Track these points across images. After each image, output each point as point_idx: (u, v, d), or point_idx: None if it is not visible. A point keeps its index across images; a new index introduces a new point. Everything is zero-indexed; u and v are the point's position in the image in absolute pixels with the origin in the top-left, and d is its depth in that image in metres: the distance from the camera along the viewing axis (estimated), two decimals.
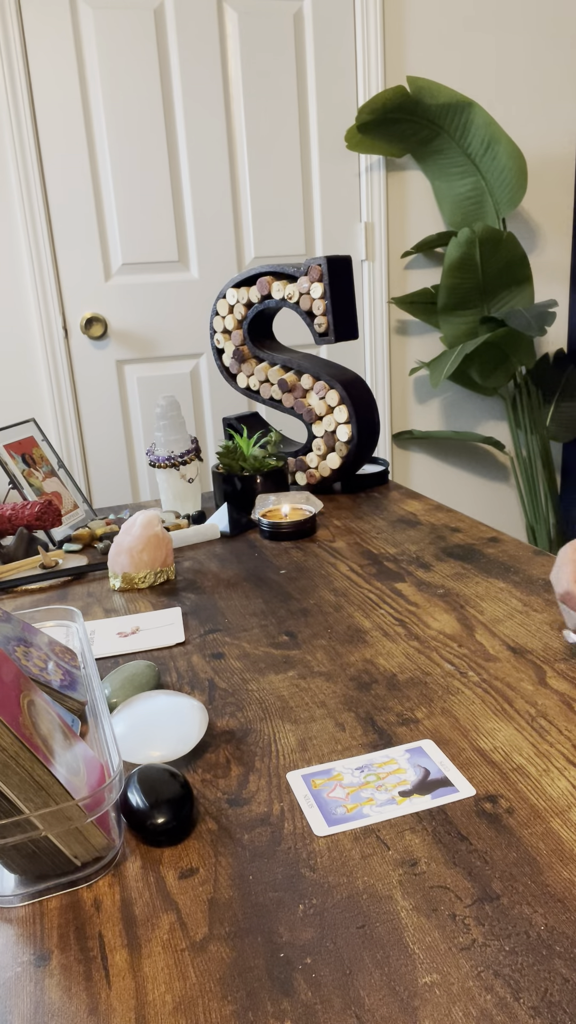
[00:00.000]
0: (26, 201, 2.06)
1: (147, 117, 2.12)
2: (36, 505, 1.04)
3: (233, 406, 2.31)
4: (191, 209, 2.22)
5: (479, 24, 2.28)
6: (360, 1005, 0.36)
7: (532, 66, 2.36)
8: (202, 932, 0.41)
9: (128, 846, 0.48)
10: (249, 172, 2.23)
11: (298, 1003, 0.36)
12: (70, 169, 2.10)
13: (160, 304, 2.26)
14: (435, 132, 2.18)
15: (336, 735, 0.58)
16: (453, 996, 0.36)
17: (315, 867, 0.45)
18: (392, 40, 2.23)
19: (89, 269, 2.18)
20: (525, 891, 0.41)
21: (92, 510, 1.24)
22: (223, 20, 2.13)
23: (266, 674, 0.68)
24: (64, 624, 0.74)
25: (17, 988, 0.39)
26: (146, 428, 2.32)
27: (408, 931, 0.40)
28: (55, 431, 2.24)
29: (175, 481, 1.21)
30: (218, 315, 1.35)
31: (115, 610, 0.87)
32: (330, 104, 2.25)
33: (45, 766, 0.43)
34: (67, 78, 2.05)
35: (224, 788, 0.53)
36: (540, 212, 2.48)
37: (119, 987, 0.38)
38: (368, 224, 2.35)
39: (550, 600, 0.79)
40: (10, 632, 0.62)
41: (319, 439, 1.26)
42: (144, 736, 0.56)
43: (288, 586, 0.89)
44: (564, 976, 0.36)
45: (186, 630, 0.80)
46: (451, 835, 0.46)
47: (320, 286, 1.18)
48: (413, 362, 2.49)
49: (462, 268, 2.14)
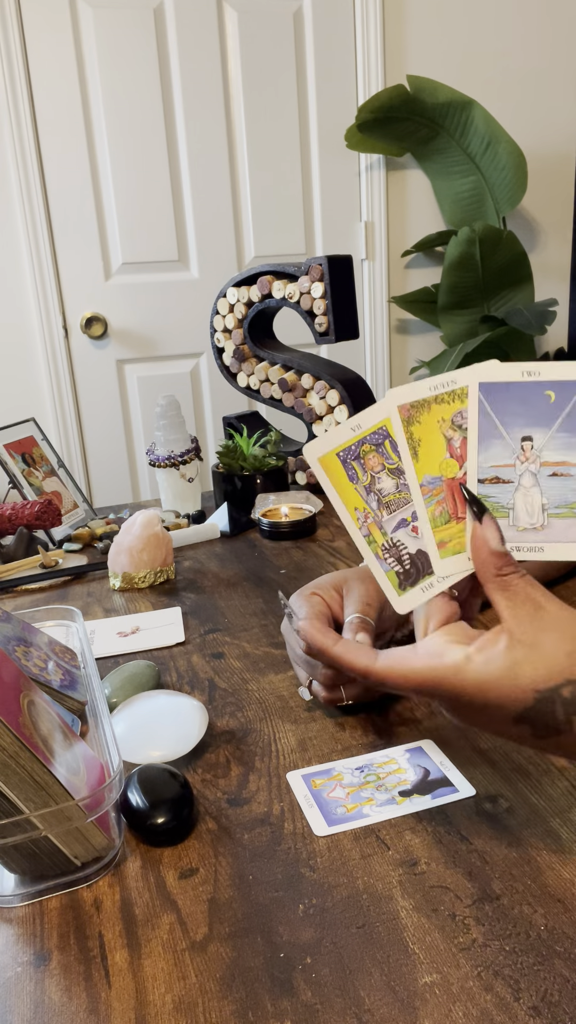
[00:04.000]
0: (26, 201, 2.06)
1: (147, 117, 2.12)
2: (36, 505, 1.04)
3: (233, 405, 2.31)
4: (191, 209, 2.22)
5: (479, 23, 2.28)
6: (360, 1005, 0.36)
7: (532, 65, 2.36)
8: (202, 932, 0.41)
9: (128, 846, 0.48)
10: (249, 172, 2.23)
11: (298, 1003, 0.36)
12: (70, 169, 2.10)
13: (160, 303, 2.26)
14: (435, 131, 2.18)
15: (336, 735, 0.58)
16: (453, 996, 0.36)
17: (315, 867, 0.45)
18: (392, 39, 2.23)
19: (89, 269, 2.18)
20: (525, 891, 0.41)
21: (92, 510, 1.24)
22: (223, 19, 2.13)
23: (266, 674, 0.68)
24: (64, 624, 0.74)
25: (17, 988, 0.39)
26: (146, 427, 2.32)
27: (408, 931, 0.40)
28: (55, 431, 2.24)
29: (175, 481, 1.21)
30: (218, 314, 1.35)
31: (115, 610, 0.87)
32: (330, 103, 2.25)
33: (45, 766, 0.43)
34: (67, 78, 2.04)
35: (224, 788, 0.53)
36: (540, 211, 2.47)
37: (119, 987, 0.38)
38: (368, 223, 2.35)
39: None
40: (10, 632, 0.62)
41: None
42: (144, 736, 0.56)
43: (288, 586, 0.89)
44: (564, 976, 0.36)
45: (186, 630, 0.79)
46: (451, 835, 0.46)
47: (320, 285, 1.18)
48: (413, 361, 2.49)
49: (462, 267, 2.14)
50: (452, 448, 0.42)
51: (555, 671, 0.39)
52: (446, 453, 0.42)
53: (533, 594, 0.41)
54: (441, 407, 0.42)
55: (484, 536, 0.41)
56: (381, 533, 0.43)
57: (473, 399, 0.41)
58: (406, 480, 0.42)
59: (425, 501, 0.42)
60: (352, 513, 0.43)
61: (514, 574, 0.41)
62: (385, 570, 0.43)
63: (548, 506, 0.42)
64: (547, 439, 0.41)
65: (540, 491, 0.41)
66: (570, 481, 0.41)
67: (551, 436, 0.41)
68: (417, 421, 0.42)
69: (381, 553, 0.43)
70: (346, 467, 0.42)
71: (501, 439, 0.41)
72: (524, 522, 0.42)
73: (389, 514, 0.43)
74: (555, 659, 0.39)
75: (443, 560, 0.43)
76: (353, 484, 0.42)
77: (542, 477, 0.41)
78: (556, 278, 2.55)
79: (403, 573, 0.43)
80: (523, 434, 0.41)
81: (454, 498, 0.42)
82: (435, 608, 0.43)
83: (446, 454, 0.42)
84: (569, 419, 0.41)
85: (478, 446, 0.42)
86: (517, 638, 0.40)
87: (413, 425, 0.42)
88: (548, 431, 0.41)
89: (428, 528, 0.42)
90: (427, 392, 0.42)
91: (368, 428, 0.42)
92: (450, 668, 0.40)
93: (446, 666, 0.40)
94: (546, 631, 0.39)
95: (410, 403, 0.42)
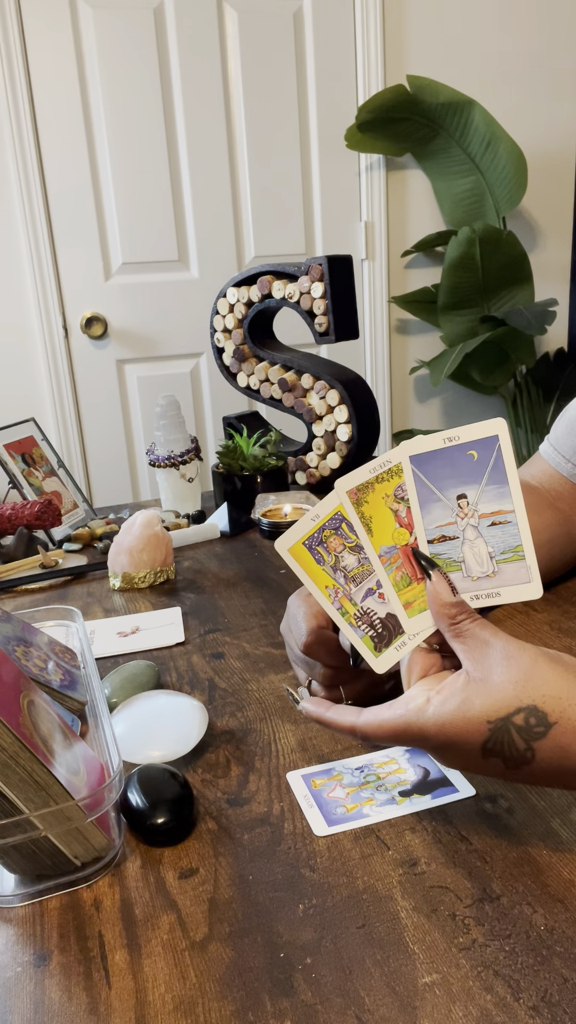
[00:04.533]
0: (26, 201, 2.06)
1: (147, 117, 2.12)
2: (36, 505, 1.04)
3: (233, 405, 2.31)
4: (191, 209, 2.22)
5: (479, 23, 2.28)
6: (360, 1005, 0.36)
7: (532, 65, 2.36)
8: (202, 932, 0.41)
9: (128, 846, 0.48)
10: (249, 172, 2.23)
11: (298, 1003, 0.36)
12: (70, 169, 2.10)
13: (160, 304, 2.26)
14: (435, 131, 2.18)
15: (336, 735, 0.58)
16: (453, 996, 0.36)
17: (315, 867, 0.45)
18: (392, 39, 2.23)
19: (89, 269, 2.17)
20: (525, 891, 0.41)
21: (92, 510, 1.24)
22: (223, 19, 2.13)
23: (266, 674, 0.68)
24: (64, 624, 0.74)
25: (17, 988, 0.39)
26: (146, 428, 2.32)
27: (408, 931, 0.40)
28: (55, 431, 2.24)
29: (175, 481, 1.21)
30: (218, 314, 1.35)
31: (115, 610, 0.87)
32: (330, 103, 2.25)
33: (45, 766, 0.43)
34: (67, 78, 2.04)
35: (224, 788, 0.53)
36: (540, 211, 2.47)
37: (119, 987, 0.38)
38: (368, 223, 2.35)
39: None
40: (10, 632, 0.62)
41: (319, 439, 1.26)
42: (144, 736, 0.56)
43: (288, 586, 0.89)
44: (564, 976, 0.36)
45: (186, 630, 0.80)
46: (451, 835, 0.46)
47: (320, 285, 1.18)
48: (413, 361, 2.49)
49: (462, 267, 2.14)
50: (400, 519, 0.47)
51: (503, 701, 0.40)
52: (396, 524, 0.47)
53: (483, 634, 0.43)
54: (383, 485, 0.46)
55: (435, 590, 0.45)
56: (352, 604, 0.47)
57: (408, 472, 0.46)
58: (366, 554, 0.47)
59: (386, 568, 0.46)
60: (324, 591, 0.47)
61: (466, 620, 0.44)
62: (360, 636, 0.47)
63: (495, 553, 0.46)
64: (479, 493, 0.45)
65: (484, 541, 0.46)
66: (509, 527, 0.45)
67: (482, 490, 0.45)
68: (365, 501, 0.46)
69: (355, 622, 0.47)
70: (312, 552, 0.47)
71: (439, 501, 0.46)
72: (476, 571, 0.46)
73: (356, 586, 0.47)
74: (503, 690, 0.40)
75: (411, 619, 0.46)
76: (321, 566, 0.47)
77: (483, 528, 0.46)
78: (556, 278, 2.55)
79: (376, 636, 0.47)
80: (457, 493, 0.46)
81: (410, 562, 0.46)
82: (414, 662, 0.46)
83: (396, 524, 0.47)
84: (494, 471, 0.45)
85: (420, 511, 0.46)
86: (471, 676, 0.42)
87: (363, 505, 0.46)
88: (478, 486, 0.45)
89: (392, 592, 0.46)
90: (368, 475, 0.46)
91: (325, 516, 0.47)
92: (412, 712, 0.42)
93: (410, 710, 0.43)
94: (496, 664, 0.41)
95: (356, 487, 0.46)
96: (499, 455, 0.45)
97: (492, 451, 0.45)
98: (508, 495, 0.45)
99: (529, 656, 0.41)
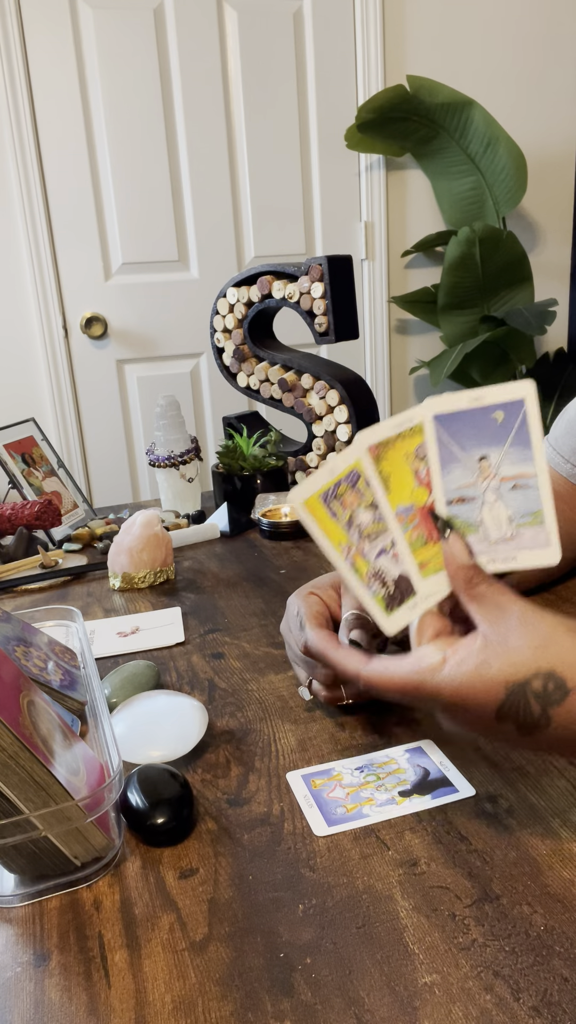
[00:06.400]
0: (26, 201, 2.06)
1: (147, 117, 2.12)
2: (36, 505, 1.04)
3: (233, 405, 2.31)
4: (191, 209, 2.22)
5: (479, 23, 2.28)
6: (360, 1005, 0.36)
7: (532, 65, 2.36)
8: (202, 932, 0.41)
9: (128, 846, 0.48)
10: (249, 172, 2.23)
11: (298, 1003, 0.36)
12: (70, 169, 2.10)
13: (160, 304, 2.25)
14: (435, 131, 2.18)
15: (336, 735, 0.58)
16: (453, 996, 0.36)
17: (315, 867, 0.45)
18: (392, 39, 2.23)
19: (89, 269, 2.17)
20: (525, 891, 0.41)
21: (92, 510, 1.24)
22: (223, 19, 2.13)
23: (266, 674, 0.68)
24: (64, 624, 0.74)
25: (17, 988, 0.39)
26: (146, 428, 2.32)
27: (408, 931, 0.40)
28: (55, 431, 2.24)
29: (175, 481, 1.21)
30: (218, 314, 1.35)
31: (115, 610, 0.87)
32: (330, 103, 2.25)
33: (45, 766, 0.43)
34: (67, 78, 2.04)
35: (224, 788, 0.53)
36: (540, 211, 2.47)
37: (119, 987, 0.38)
38: (368, 223, 2.35)
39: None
40: (10, 632, 0.62)
41: (319, 439, 1.26)
42: (144, 736, 0.56)
43: (288, 586, 0.89)
44: (564, 976, 0.36)
45: (186, 630, 0.80)
46: (451, 835, 0.46)
47: (320, 286, 1.18)
48: (413, 361, 2.49)
49: (462, 267, 2.13)
50: (420, 477, 0.46)
51: (522, 665, 0.40)
52: (415, 483, 0.46)
53: (501, 599, 0.43)
54: (404, 442, 0.45)
55: (452, 552, 0.44)
56: (365, 562, 0.46)
57: (430, 430, 0.45)
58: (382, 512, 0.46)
59: (402, 527, 0.46)
60: (337, 547, 0.46)
61: (483, 583, 0.43)
62: (372, 595, 0.46)
63: (514, 517, 0.45)
64: (502, 456, 0.45)
65: (504, 504, 0.45)
66: (530, 491, 0.45)
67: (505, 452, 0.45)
68: (385, 458, 0.45)
69: (366, 580, 0.46)
70: (327, 507, 0.46)
71: (460, 462, 0.45)
72: (494, 535, 0.45)
73: (370, 544, 0.46)
74: (522, 653, 0.40)
75: (424, 580, 0.46)
76: (335, 521, 0.45)
77: (504, 491, 0.45)
78: (556, 278, 2.55)
79: (388, 596, 0.46)
80: (479, 454, 0.45)
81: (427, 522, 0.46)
82: (426, 623, 0.45)
83: (415, 483, 0.46)
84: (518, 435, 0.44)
85: (441, 471, 0.45)
86: (488, 639, 0.41)
87: (382, 462, 0.45)
88: (501, 448, 0.45)
89: (407, 552, 0.46)
90: (390, 431, 0.45)
91: (343, 471, 0.45)
92: (427, 670, 0.42)
93: (423, 668, 0.42)
94: (514, 629, 0.41)
95: (377, 443, 0.45)
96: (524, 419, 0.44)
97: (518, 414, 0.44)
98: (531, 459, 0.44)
99: (548, 623, 0.41)
